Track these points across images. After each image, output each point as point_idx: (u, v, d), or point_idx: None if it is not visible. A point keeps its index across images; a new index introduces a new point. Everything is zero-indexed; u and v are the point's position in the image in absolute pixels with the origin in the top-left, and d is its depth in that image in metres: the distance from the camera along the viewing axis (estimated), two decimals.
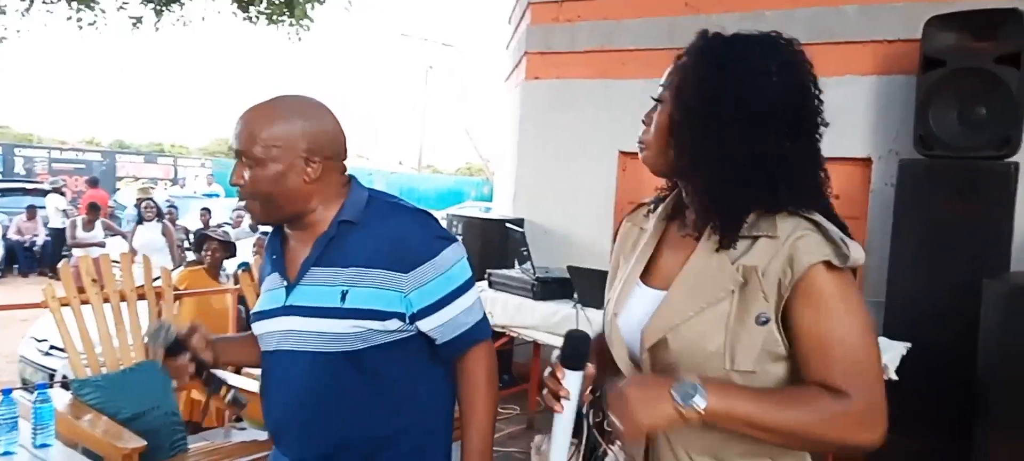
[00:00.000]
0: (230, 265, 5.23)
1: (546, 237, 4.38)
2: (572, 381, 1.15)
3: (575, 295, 3.06)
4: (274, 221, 1.46)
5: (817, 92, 1.12)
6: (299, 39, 9.40)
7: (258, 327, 1.48)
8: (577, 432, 1.26)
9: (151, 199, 8.60)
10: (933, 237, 2.81)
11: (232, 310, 4.46)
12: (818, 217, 1.07)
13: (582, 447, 1.29)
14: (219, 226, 9.08)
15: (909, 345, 2.44)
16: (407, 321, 1.40)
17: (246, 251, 6.17)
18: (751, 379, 1.08)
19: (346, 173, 1.48)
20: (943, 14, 2.91)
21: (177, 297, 3.85)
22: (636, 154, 1.24)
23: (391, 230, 1.41)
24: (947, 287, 2.74)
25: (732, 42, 1.12)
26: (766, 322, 1.06)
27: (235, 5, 9.00)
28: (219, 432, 4.33)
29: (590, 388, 1.28)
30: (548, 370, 1.18)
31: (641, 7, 4.09)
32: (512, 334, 3.44)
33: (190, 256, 5.86)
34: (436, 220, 1.50)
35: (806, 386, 1.04)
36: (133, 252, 7.04)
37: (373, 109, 47.18)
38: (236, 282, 4.48)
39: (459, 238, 1.76)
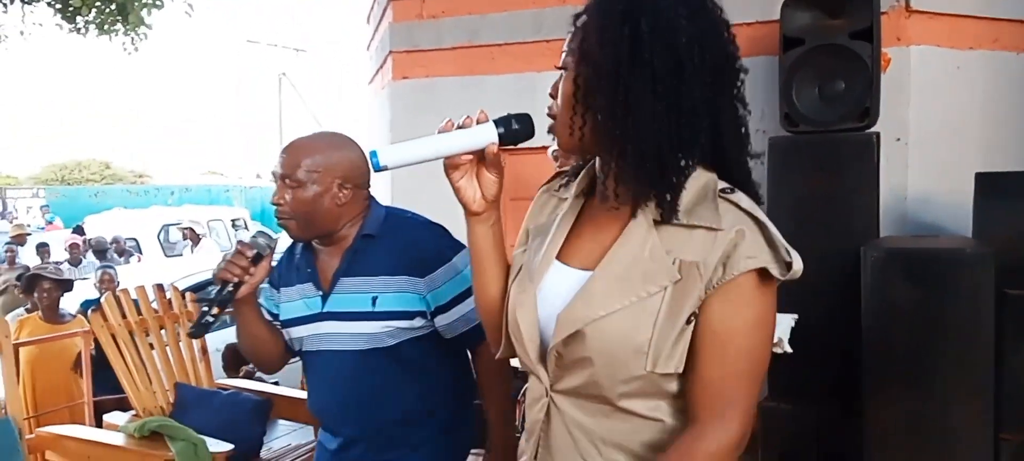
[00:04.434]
0: (69, 304, 4.69)
1: None
2: (486, 130, 1.13)
3: None
4: (307, 237, 1.69)
5: (731, 37, 1.04)
6: (136, 49, 8.65)
7: (296, 331, 1.72)
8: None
9: None
10: (806, 210, 2.90)
11: (85, 354, 3.99)
12: (762, 215, 1.00)
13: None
14: (58, 263, 8.27)
15: (796, 316, 2.51)
16: (428, 318, 1.63)
17: (87, 288, 5.62)
18: (668, 382, 1.02)
19: (368, 195, 1.72)
20: None
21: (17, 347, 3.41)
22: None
23: (406, 240, 1.67)
24: (824, 257, 2.82)
25: None
26: (691, 321, 0.99)
27: (59, 16, 8.15)
28: None
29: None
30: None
31: (505, 0, 4.01)
32: None
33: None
34: (445, 229, 1.73)
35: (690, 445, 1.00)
36: None
37: (224, 121, 44.82)
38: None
39: None
